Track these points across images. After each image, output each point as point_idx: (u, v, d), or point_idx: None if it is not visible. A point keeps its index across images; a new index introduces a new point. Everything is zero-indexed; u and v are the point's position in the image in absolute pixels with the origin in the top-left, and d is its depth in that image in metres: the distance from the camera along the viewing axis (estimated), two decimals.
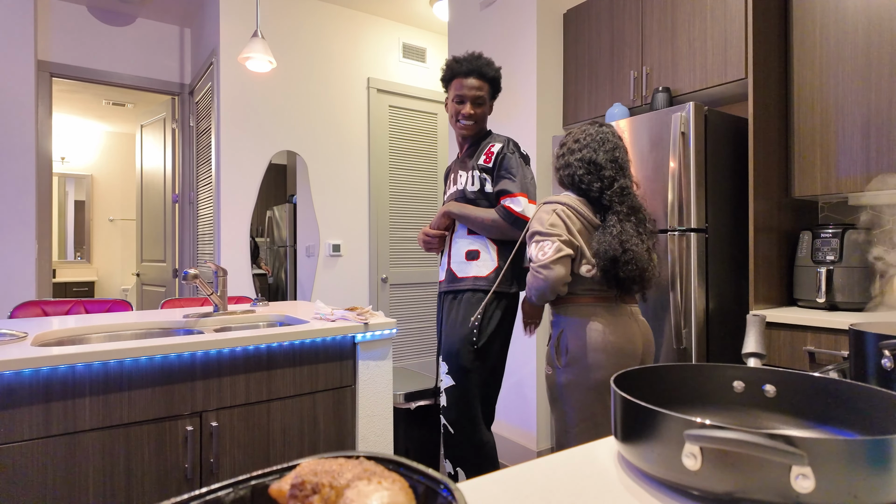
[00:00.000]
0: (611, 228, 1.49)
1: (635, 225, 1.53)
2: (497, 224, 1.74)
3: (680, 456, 0.48)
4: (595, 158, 1.55)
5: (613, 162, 1.55)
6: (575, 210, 1.54)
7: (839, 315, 1.77)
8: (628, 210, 1.53)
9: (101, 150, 6.50)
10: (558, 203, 1.56)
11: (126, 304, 2.28)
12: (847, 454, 0.43)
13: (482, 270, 1.78)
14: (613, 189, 1.53)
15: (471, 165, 1.84)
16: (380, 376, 1.77)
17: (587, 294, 1.54)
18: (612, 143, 1.57)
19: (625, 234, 1.48)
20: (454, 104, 1.84)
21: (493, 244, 1.80)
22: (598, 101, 2.63)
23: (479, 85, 1.81)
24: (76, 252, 6.32)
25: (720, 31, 2.11)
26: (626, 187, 1.55)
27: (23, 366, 1.19)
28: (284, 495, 0.37)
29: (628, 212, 1.53)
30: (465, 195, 1.84)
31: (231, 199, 3.37)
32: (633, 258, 1.47)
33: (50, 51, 3.56)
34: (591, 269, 1.51)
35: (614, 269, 1.48)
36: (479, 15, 3.08)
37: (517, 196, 1.74)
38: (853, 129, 1.88)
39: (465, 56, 1.83)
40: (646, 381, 0.69)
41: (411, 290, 4.05)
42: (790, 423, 0.66)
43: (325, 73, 3.72)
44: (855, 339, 0.81)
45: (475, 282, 1.78)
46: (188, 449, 1.42)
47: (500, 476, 0.56)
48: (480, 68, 1.81)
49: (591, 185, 1.54)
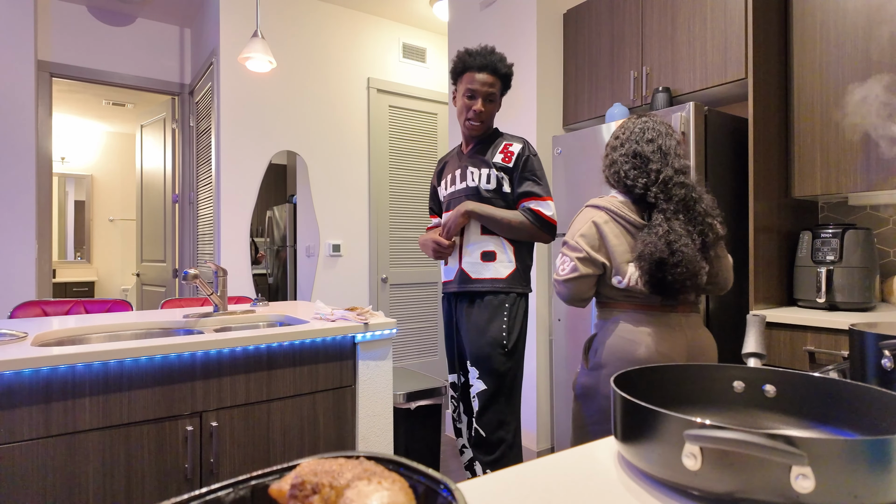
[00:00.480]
0: (656, 228, 1.34)
1: (685, 223, 1.36)
2: (525, 226, 1.71)
3: (680, 456, 0.48)
4: (639, 150, 1.42)
5: (658, 151, 1.41)
6: (615, 214, 1.42)
7: (839, 315, 1.77)
8: (677, 207, 1.37)
9: (101, 150, 6.50)
10: (598, 209, 1.45)
11: (126, 304, 2.28)
12: (847, 454, 0.43)
13: (500, 272, 1.74)
14: (658, 183, 1.39)
15: (484, 163, 1.78)
16: (380, 376, 1.77)
17: (626, 300, 1.42)
18: (656, 130, 1.44)
19: (672, 233, 1.33)
20: (464, 99, 1.77)
21: (510, 245, 1.75)
22: (598, 101, 2.63)
23: (491, 81, 1.75)
24: (76, 252, 6.32)
25: (720, 31, 2.11)
26: (670, 179, 1.38)
27: (23, 366, 1.19)
28: (284, 495, 0.37)
29: (676, 208, 1.37)
30: (480, 193, 1.77)
31: (231, 199, 3.37)
32: (682, 260, 1.31)
33: (50, 51, 3.56)
34: (622, 280, 1.39)
35: (661, 272, 1.32)
36: (479, 15, 3.08)
37: (546, 200, 1.73)
38: (853, 129, 1.88)
39: (478, 49, 1.76)
40: (646, 381, 0.69)
41: (411, 290, 4.05)
42: (790, 423, 0.66)
43: (325, 73, 3.72)
44: (855, 339, 0.81)
45: (493, 284, 1.74)
46: (188, 449, 1.42)
47: (500, 476, 0.56)
48: (494, 64, 1.74)
49: (637, 181, 1.40)
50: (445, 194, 1.89)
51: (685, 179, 1.39)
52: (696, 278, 1.34)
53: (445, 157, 1.98)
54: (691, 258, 1.32)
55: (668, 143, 1.42)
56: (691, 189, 1.39)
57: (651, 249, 1.32)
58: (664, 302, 1.39)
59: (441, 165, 1.98)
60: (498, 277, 1.74)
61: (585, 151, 2.42)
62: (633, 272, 1.38)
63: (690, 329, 1.41)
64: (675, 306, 1.40)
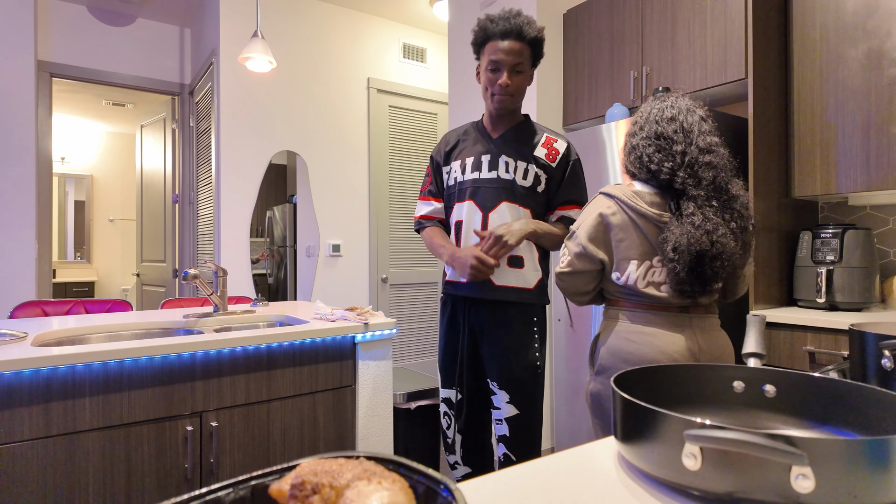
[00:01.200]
0: (690, 218, 1.20)
1: (720, 210, 1.23)
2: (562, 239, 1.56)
3: (680, 456, 0.48)
4: (661, 131, 1.28)
5: (680, 130, 1.27)
6: (625, 205, 1.28)
7: (839, 315, 1.77)
8: (707, 192, 1.23)
9: (101, 151, 6.50)
10: (608, 197, 1.32)
11: (126, 304, 2.28)
12: (847, 454, 0.43)
13: (528, 281, 1.55)
14: (684, 166, 1.24)
15: (523, 155, 1.56)
16: (380, 376, 1.77)
17: (631, 297, 1.30)
18: (676, 107, 1.32)
19: (709, 222, 1.19)
20: (487, 73, 1.52)
21: (537, 251, 1.57)
22: (598, 101, 2.63)
23: (518, 48, 1.48)
24: (76, 252, 6.32)
25: (720, 31, 2.11)
26: (696, 160, 1.24)
27: (23, 366, 1.19)
28: (284, 495, 0.37)
29: (708, 194, 1.23)
30: (515, 189, 1.54)
31: (231, 199, 3.37)
32: (722, 252, 1.19)
33: (50, 51, 3.56)
34: (619, 277, 1.29)
35: (700, 267, 1.19)
36: (479, 15, 3.08)
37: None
38: (853, 129, 1.88)
39: (500, 14, 1.50)
40: (646, 381, 0.69)
41: (411, 290, 4.05)
42: (790, 423, 0.66)
43: (325, 73, 3.72)
44: (855, 339, 0.81)
45: (521, 294, 1.54)
46: (188, 449, 1.42)
47: (500, 476, 0.56)
48: (520, 27, 1.47)
49: (662, 166, 1.26)
50: (464, 180, 1.59)
51: (712, 159, 1.25)
52: (735, 273, 1.24)
53: (458, 135, 1.66)
54: (732, 251, 1.20)
55: (689, 119, 1.29)
56: (720, 170, 1.26)
57: (689, 241, 1.18)
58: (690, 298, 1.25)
59: (453, 144, 1.65)
60: (526, 287, 1.55)
61: (585, 151, 2.42)
62: (632, 270, 1.28)
63: (703, 332, 1.28)
64: (686, 307, 1.29)
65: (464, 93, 3.18)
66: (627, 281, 1.28)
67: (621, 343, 1.30)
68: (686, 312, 1.29)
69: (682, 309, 1.29)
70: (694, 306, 1.30)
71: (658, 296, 1.27)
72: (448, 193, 1.65)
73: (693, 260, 1.19)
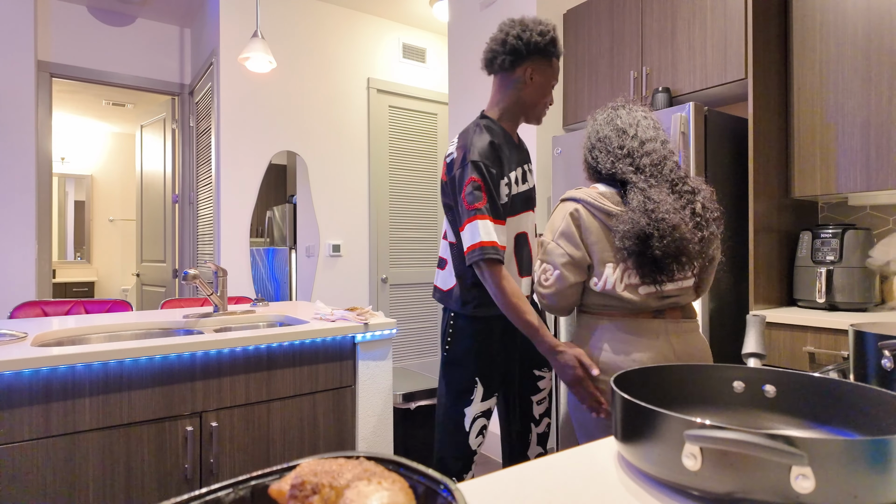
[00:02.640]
0: (632, 200, 1.21)
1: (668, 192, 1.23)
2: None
3: (680, 456, 0.48)
4: (602, 135, 1.33)
5: (616, 130, 1.31)
6: (591, 206, 1.28)
7: (839, 315, 1.77)
8: (648, 177, 1.24)
9: (101, 151, 6.50)
10: (574, 201, 1.31)
11: (126, 304, 2.28)
12: (847, 454, 0.43)
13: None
14: (623, 158, 1.27)
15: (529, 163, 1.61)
16: (380, 376, 1.77)
17: (607, 308, 1.29)
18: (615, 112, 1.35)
19: (649, 202, 1.19)
20: (549, 88, 1.54)
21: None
22: (598, 101, 2.62)
23: None
24: (76, 252, 6.32)
25: (720, 31, 2.11)
26: (634, 150, 1.27)
27: (23, 366, 1.19)
28: (284, 496, 0.37)
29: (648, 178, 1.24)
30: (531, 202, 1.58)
31: (231, 199, 3.37)
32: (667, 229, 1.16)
33: (50, 51, 3.56)
34: (598, 282, 1.27)
35: (647, 249, 1.17)
36: (479, 15, 3.08)
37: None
38: (853, 129, 1.88)
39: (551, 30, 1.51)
40: (646, 381, 0.69)
41: (411, 290, 4.05)
42: (790, 423, 0.66)
43: (325, 73, 3.72)
44: (855, 339, 0.81)
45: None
46: (188, 449, 1.42)
47: (500, 476, 0.56)
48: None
49: (605, 162, 1.29)
50: (519, 191, 1.54)
51: (652, 147, 1.27)
52: (687, 250, 1.19)
53: (499, 141, 1.51)
54: (677, 224, 1.17)
55: (626, 119, 1.32)
56: (664, 159, 1.27)
57: (629, 226, 1.18)
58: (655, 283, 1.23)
59: (497, 151, 1.48)
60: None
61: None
62: (609, 273, 1.26)
63: (679, 336, 1.27)
64: (662, 312, 1.27)
65: (464, 93, 3.18)
66: (605, 286, 1.26)
67: (597, 353, 1.28)
68: (661, 318, 1.27)
69: (657, 314, 1.27)
70: (670, 309, 1.29)
71: (634, 300, 1.24)
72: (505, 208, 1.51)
73: (639, 243, 1.18)
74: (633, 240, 1.18)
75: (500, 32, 1.53)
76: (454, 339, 1.55)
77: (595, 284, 1.27)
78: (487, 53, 1.55)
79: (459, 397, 1.53)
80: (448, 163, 1.51)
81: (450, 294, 1.54)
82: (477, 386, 1.54)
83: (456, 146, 1.50)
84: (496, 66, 1.54)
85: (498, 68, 1.54)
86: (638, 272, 1.21)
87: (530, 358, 1.63)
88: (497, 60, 1.53)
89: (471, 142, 1.46)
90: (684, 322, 1.29)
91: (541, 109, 1.56)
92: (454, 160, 1.48)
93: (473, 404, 1.54)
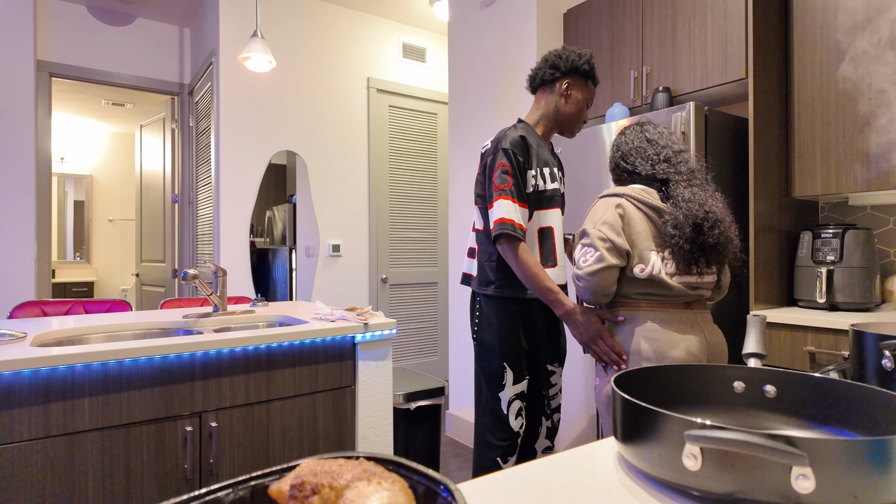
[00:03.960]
0: (680, 196, 1.33)
1: (701, 187, 1.36)
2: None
3: (680, 456, 0.48)
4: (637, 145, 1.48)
5: (651, 142, 1.46)
6: (636, 200, 1.39)
7: (839, 315, 1.77)
8: (689, 177, 1.38)
9: (100, 150, 6.50)
10: (618, 196, 1.41)
11: (125, 304, 2.28)
12: (847, 454, 0.43)
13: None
14: (661, 161, 1.41)
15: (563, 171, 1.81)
16: (380, 376, 1.77)
17: (643, 298, 1.38)
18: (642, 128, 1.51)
19: (697, 196, 1.32)
20: (584, 106, 1.71)
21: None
22: (599, 101, 2.62)
23: None
24: (75, 252, 6.32)
25: (720, 31, 2.11)
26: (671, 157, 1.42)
27: (22, 366, 1.19)
28: (284, 496, 0.37)
29: (689, 178, 1.37)
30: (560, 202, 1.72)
31: (231, 199, 3.37)
32: (717, 220, 1.29)
33: (49, 51, 3.56)
34: (644, 268, 1.35)
35: (700, 237, 1.29)
36: (479, 15, 3.08)
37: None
38: (853, 129, 1.88)
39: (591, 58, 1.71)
40: (646, 381, 0.69)
41: (411, 290, 4.05)
42: (790, 423, 0.66)
43: (325, 73, 3.72)
44: (855, 339, 0.81)
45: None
46: (188, 449, 1.42)
47: (500, 476, 0.56)
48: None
49: (644, 165, 1.43)
50: (549, 188, 1.66)
51: (685, 157, 1.43)
52: (731, 241, 1.33)
53: (531, 138, 1.66)
54: (726, 221, 1.32)
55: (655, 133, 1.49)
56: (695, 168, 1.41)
57: (685, 213, 1.29)
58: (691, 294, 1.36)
59: (527, 144, 1.63)
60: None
61: (585, 151, 2.42)
62: (655, 260, 1.35)
63: (707, 326, 1.40)
64: (690, 304, 1.39)
65: (464, 93, 3.18)
66: (652, 271, 1.35)
67: (640, 342, 1.35)
68: (690, 309, 1.39)
69: (686, 305, 1.39)
70: (696, 301, 1.40)
71: (673, 286, 1.35)
72: (530, 198, 1.63)
73: (692, 231, 1.29)
74: (687, 227, 1.29)
75: (543, 57, 1.73)
76: (480, 323, 1.68)
77: (642, 270, 1.36)
78: (531, 73, 1.74)
79: (492, 382, 1.65)
80: (482, 153, 1.70)
81: (475, 277, 1.70)
82: (506, 371, 1.64)
83: (491, 140, 1.68)
84: (537, 80, 1.72)
85: (539, 82, 1.72)
86: (681, 261, 1.33)
87: (545, 353, 1.72)
88: (539, 74, 1.71)
89: (504, 135, 1.63)
90: (706, 313, 1.43)
91: (575, 123, 1.72)
92: (487, 150, 1.67)
93: (506, 388, 1.63)
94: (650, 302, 1.37)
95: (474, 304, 1.70)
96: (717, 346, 1.39)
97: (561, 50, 1.70)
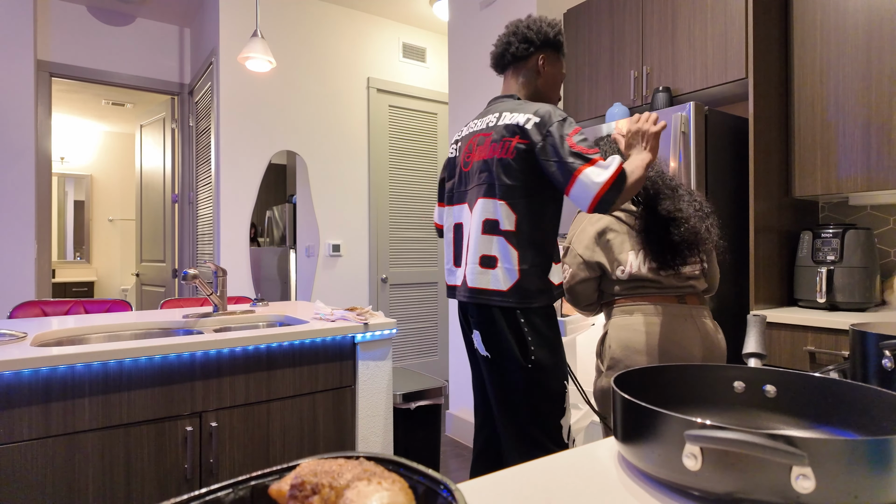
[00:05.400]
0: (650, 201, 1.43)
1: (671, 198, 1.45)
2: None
3: (680, 456, 0.48)
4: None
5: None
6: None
7: (840, 315, 1.77)
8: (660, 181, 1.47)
9: (100, 150, 6.50)
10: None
11: (125, 304, 2.28)
12: (847, 454, 0.43)
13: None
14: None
15: None
16: (380, 376, 1.77)
17: (636, 293, 1.45)
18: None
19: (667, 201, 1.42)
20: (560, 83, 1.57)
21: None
22: (599, 101, 2.62)
23: None
24: (75, 252, 6.32)
25: (720, 31, 2.11)
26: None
27: (22, 366, 1.19)
28: (284, 496, 0.37)
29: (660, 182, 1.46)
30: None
31: (231, 199, 3.37)
32: (684, 220, 1.38)
33: (49, 51, 3.56)
34: (624, 269, 1.45)
35: (668, 235, 1.38)
36: (479, 15, 3.08)
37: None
38: (853, 129, 1.88)
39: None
40: (646, 381, 0.69)
41: (411, 290, 4.05)
42: (790, 423, 0.66)
43: (325, 73, 3.72)
44: (855, 338, 0.81)
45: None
46: (188, 449, 1.42)
47: (500, 476, 0.56)
48: None
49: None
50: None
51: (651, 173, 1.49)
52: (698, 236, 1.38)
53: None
54: (689, 216, 1.39)
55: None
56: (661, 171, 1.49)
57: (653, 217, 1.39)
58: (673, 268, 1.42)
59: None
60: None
61: None
62: (632, 259, 1.44)
63: (701, 319, 1.44)
64: (684, 298, 1.45)
65: (464, 92, 3.18)
66: (632, 270, 1.43)
67: (631, 335, 1.40)
68: (684, 303, 1.45)
69: (680, 299, 1.45)
70: (689, 296, 1.46)
71: (658, 280, 1.43)
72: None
73: (662, 231, 1.39)
74: (658, 228, 1.38)
75: (509, 27, 1.51)
76: (536, 342, 1.36)
77: (622, 272, 1.44)
78: (498, 48, 1.50)
79: (553, 410, 1.36)
80: (525, 128, 1.34)
81: (514, 292, 1.35)
82: (566, 390, 1.40)
83: (523, 114, 1.37)
84: (508, 56, 1.49)
85: (511, 58, 1.49)
86: (656, 258, 1.40)
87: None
88: (510, 49, 1.48)
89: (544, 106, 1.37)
90: (702, 308, 1.48)
91: (558, 91, 1.55)
92: (536, 124, 1.33)
93: (567, 412, 1.39)
94: (643, 296, 1.45)
95: (516, 322, 1.36)
96: (711, 339, 1.42)
97: (529, 20, 1.49)
